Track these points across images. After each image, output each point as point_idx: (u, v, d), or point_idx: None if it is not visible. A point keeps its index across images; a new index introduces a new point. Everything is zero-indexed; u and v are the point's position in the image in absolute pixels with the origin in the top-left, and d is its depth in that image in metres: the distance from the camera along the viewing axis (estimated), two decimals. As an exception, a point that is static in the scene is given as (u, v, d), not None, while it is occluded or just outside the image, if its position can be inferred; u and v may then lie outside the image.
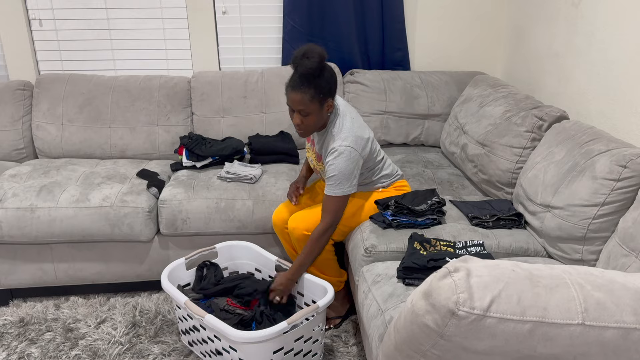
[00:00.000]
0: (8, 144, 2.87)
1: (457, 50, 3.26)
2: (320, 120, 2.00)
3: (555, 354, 0.99)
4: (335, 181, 1.98)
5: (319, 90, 1.92)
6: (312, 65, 1.88)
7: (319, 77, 1.92)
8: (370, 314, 1.70)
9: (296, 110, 1.96)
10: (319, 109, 1.95)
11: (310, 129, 2.02)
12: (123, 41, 3.14)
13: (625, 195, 1.73)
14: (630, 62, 2.04)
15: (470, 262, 1.03)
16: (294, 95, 1.93)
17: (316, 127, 2.03)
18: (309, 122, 1.97)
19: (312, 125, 1.99)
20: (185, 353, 2.16)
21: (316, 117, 1.97)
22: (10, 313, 2.42)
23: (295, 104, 1.94)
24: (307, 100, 1.91)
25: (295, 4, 3.01)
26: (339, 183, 1.98)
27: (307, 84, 1.91)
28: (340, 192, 1.99)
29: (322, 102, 1.95)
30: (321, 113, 1.98)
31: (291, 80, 1.96)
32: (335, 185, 1.99)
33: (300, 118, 1.97)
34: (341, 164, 1.96)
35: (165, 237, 2.48)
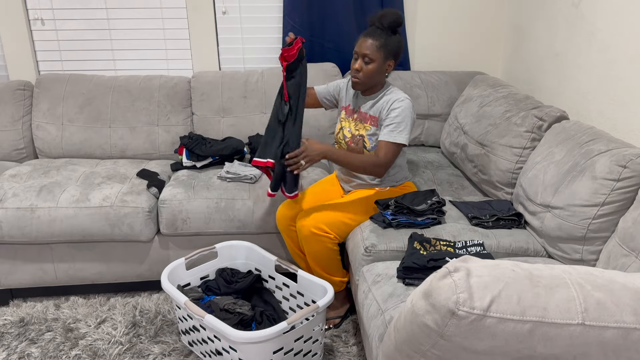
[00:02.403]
0: (8, 144, 2.87)
1: (457, 50, 3.26)
2: (378, 74, 2.09)
3: (555, 354, 0.99)
4: (398, 127, 2.05)
5: (388, 43, 2.05)
6: (392, 17, 2.04)
7: (391, 35, 2.06)
8: (370, 314, 1.70)
9: (360, 56, 2.07)
10: (382, 61, 2.06)
11: (367, 80, 2.10)
12: (123, 41, 3.14)
13: (625, 195, 1.73)
14: (630, 63, 2.04)
15: (470, 262, 1.03)
16: (365, 40, 2.05)
17: (371, 81, 2.11)
18: (368, 70, 2.07)
19: (369, 74, 2.08)
20: (185, 353, 2.16)
21: (376, 67, 2.07)
22: (10, 313, 2.42)
23: (363, 47, 2.05)
24: (375, 47, 2.04)
25: (295, 4, 3.01)
26: (401, 130, 2.05)
27: (380, 33, 2.05)
28: (401, 139, 2.05)
29: (386, 57, 2.06)
30: (382, 67, 2.08)
31: (366, 31, 2.09)
32: (396, 132, 2.05)
33: (361, 64, 2.07)
34: (407, 112, 2.06)
35: (165, 237, 2.48)
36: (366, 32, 2.08)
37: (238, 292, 2.22)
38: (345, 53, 3.12)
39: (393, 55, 2.09)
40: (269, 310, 2.17)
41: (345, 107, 2.31)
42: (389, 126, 2.07)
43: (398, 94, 2.12)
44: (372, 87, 2.16)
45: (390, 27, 2.05)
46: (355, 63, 2.09)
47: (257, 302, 2.21)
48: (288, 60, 2.05)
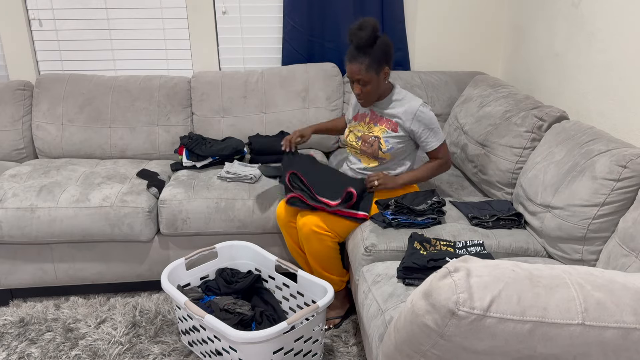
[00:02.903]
0: (8, 144, 2.87)
1: (457, 50, 3.26)
2: (379, 88, 2.15)
3: (555, 354, 0.99)
4: (435, 131, 2.18)
5: (374, 60, 2.07)
6: (365, 35, 2.03)
7: (373, 47, 2.06)
8: (370, 314, 1.70)
9: (355, 81, 2.12)
10: (376, 77, 2.11)
11: (371, 97, 2.17)
12: (123, 41, 3.14)
13: (625, 195, 1.73)
14: (630, 63, 2.04)
15: (470, 262, 1.03)
16: (352, 66, 2.09)
17: (376, 95, 2.18)
18: (368, 91, 2.13)
19: (372, 93, 2.14)
20: (185, 353, 2.16)
21: (375, 85, 2.12)
22: (10, 313, 2.42)
23: (353, 74, 2.10)
24: (364, 69, 2.07)
25: (295, 4, 3.01)
26: (438, 131, 2.19)
27: (362, 54, 2.06)
28: (442, 137, 2.20)
29: (378, 71, 2.10)
30: (379, 81, 2.13)
31: (348, 52, 2.11)
32: (437, 134, 2.19)
33: (360, 87, 2.13)
34: (433, 117, 2.17)
35: (165, 237, 2.48)
36: (349, 57, 2.09)
37: (238, 292, 2.22)
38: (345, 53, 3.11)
39: (384, 63, 2.11)
40: (269, 311, 2.17)
41: (354, 116, 2.37)
42: (428, 135, 2.18)
43: (413, 101, 2.18)
44: (380, 96, 2.23)
45: (368, 44, 2.06)
46: (354, 87, 2.15)
47: (257, 302, 2.21)
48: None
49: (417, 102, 2.18)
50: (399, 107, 2.20)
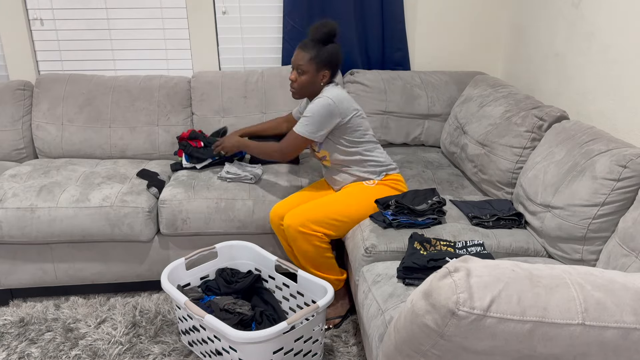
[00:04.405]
0: (8, 144, 2.87)
1: (457, 50, 3.26)
2: (312, 84, 2.17)
3: (555, 354, 0.99)
4: (305, 121, 2.13)
5: (319, 55, 2.12)
6: (323, 32, 2.11)
7: (323, 45, 2.13)
8: (370, 314, 1.70)
9: (295, 67, 2.16)
10: (314, 72, 2.15)
11: (301, 90, 2.19)
12: (123, 41, 3.14)
13: (625, 195, 1.73)
14: (631, 62, 2.04)
15: (470, 262, 1.03)
16: (298, 52, 2.15)
17: (307, 91, 2.20)
18: (302, 80, 2.16)
19: (303, 84, 2.17)
20: (185, 353, 2.16)
21: (309, 78, 2.15)
22: (10, 313, 2.42)
23: (297, 59, 2.15)
24: (307, 59, 2.13)
25: (295, 4, 3.01)
26: (307, 123, 2.12)
27: (313, 46, 2.13)
28: (303, 131, 2.13)
29: (318, 68, 2.14)
30: (315, 78, 2.16)
31: (301, 42, 2.18)
32: (303, 124, 2.13)
33: (296, 75, 2.17)
34: (316, 108, 2.11)
35: (165, 237, 2.48)
36: (301, 44, 2.16)
37: (238, 292, 2.22)
38: (345, 53, 3.12)
39: (326, 66, 2.15)
40: (269, 310, 2.17)
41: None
42: (301, 119, 2.16)
43: (324, 93, 2.16)
44: (311, 95, 2.24)
45: (322, 40, 2.13)
46: (291, 74, 2.19)
47: (257, 302, 2.21)
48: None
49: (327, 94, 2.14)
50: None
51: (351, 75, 3.06)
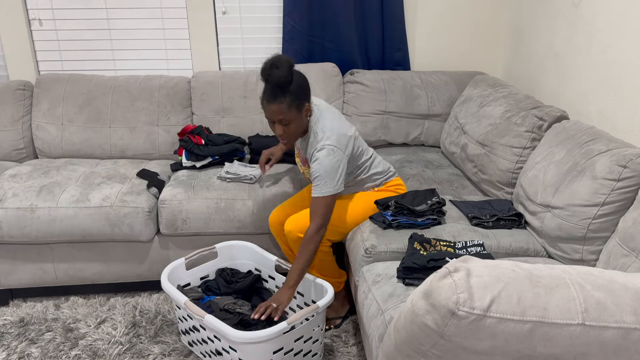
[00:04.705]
0: (8, 144, 2.87)
1: (457, 50, 3.26)
2: (302, 125, 2.01)
3: (555, 354, 0.99)
4: (320, 181, 1.97)
5: (294, 97, 1.93)
6: (282, 73, 1.89)
7: (290, 84, 1.93)
8: (370, 314, 1.70)
9: (276, 121, 1.97)
10: (298, 114, 1.97)
11: (293, 137, 2.02)
12: (123, 41, 3.14)
13: (625, 195, 1.73)
14: (631, 62, 2.04)
15: (470, 262, 1.03)
16: (272, 107, 1.93)
17: (299, 134, 2.04)
18: (290, 130, 1.98)
19: (294, 132, 2.00)
20: (185, 353, 2.16)
21: (297, 123, 1.98)
22: (10, 313, 2.42)
23: (274, 114, 1.94)
24: (285, 109, 1.92)
25: (295, 4, 3.01)
26: (324, 182, 1.96)
27: (281, 93, 1.92)
28: (326, 191, 1.97)
29: (299, 108, 1.96)
30: (301, 118, 1.99)
31: (264, 93, 1.96)
32: (321, 186, 1.97)
33: (282, 128, 1.98)
34: (325, 163, 1.96)
35: (165, 237, 2.48)
36: (267, 97, 1.94)
37: (238, 292, 2.22)
38: (345, 53, 3.12)
39: (304, 99, 1.98)
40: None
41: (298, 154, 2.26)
42: (313, 180, 1.99)
43: (318, 141, 1.99)
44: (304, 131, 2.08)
45: (285, 82, 1.91)
46: (275, 128, 1.99)
47: (257, 302, 2.21)
48: None
49: (318, 144, 1.98)
50: (310, 144, 2.05)
51: (351, 75, 3.06)
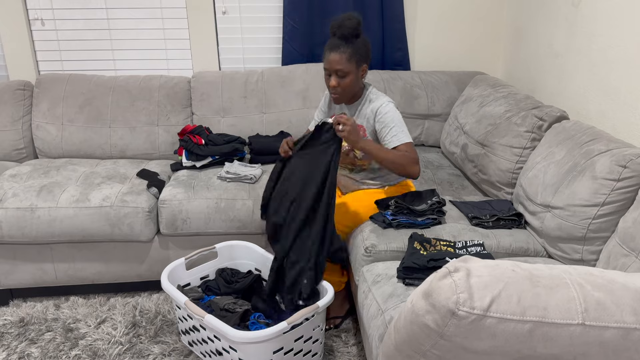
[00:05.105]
0: (8, 144, 2.87)
1: (457, 50, 3.26)
2: (356, 83, 2.06)
3: (555, 354, 0.99)
4: (399, 128, 2.02)
5: (356, 51, 1.99)
6: (352, 25, 1.96)
7: (357, 38, 2.00)
8: (370, 314, 1.70)
9: (333, 72, 2.01)
10: (356, 70, 2.02)
11: (347, 92, 2.06)
12: (123, 41, 3.14)
13: (626, 195, 1.73)
14: (631, 62, 2.04)
15: (470, 262, 1.03)
16: (333, 56, 1.99)
17: (352, 91, 2.08)
18: (345, 83, 2.02)
19: (348, 87, 2.04)
20: (185, 353, 2.16)
21: (352, 79, 2.02)
22: (10, 313, 2.42)
23: (333, 63, 1.99)
24: (346, 59, 1.98)
25: (295, 4, 3.01)
26: (402, 130, 2.02)
27: (345, 44, 1.98)
28: (407, 138, 2.02)
29: (359, 64, 2.02)
30: (357, 76, 2.04)
31: (329, 43, 2.02)
32: (402, 133, 2.02)
33: (337, 80, 2.02)
34: (396, 115, 2.03)
35: (165, 237, 2.48)
36: (331, 46, 2.01)
37: (238, 292, 2.22)
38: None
39: (364, 59, 2.04)
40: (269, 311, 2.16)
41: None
42: (390, 131, 2.02)
43: (380, 99, 2.08)
44: (354, 96, 2.14)
45: (352, 34, 1.98)
46: (331, 80, 2.03)
47: (257, 302, 2.21)
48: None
49: (380, 101, 2.07)
50: (366, 109, 2.11)
51: (351, 75, 3.06)
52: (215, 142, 2.72)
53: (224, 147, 2.72)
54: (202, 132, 2.75)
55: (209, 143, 2.71)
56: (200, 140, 2.70)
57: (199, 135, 2.73)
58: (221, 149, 2.71)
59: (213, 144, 2.72)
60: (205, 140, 2.71)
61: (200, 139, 2.71)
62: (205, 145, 2.70)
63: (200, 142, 2.70)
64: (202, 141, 2.70)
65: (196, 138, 2.71)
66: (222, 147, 2.71)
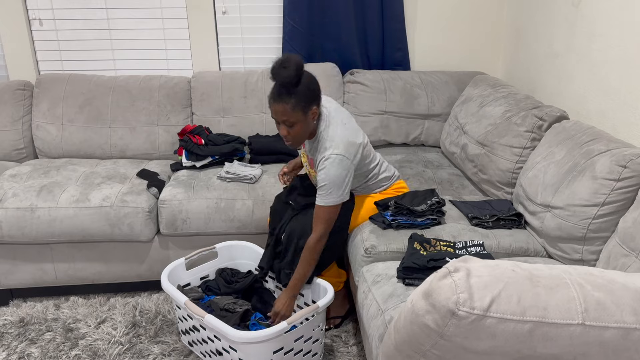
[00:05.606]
0: (8, 144, 2.87)
1: (457, 50, 3.26)
2: (307, 128, 1.96)
3: (555, 354, 0.99)
4: (326, 190, 1.94)
5: (300, 99, 1.88)
6: (289, 74, 1.84)
7: (297, 86, 1.88)
8: (370, 314, 1.70)
9: (281, 122, 1.93)
10: (304, 117, 1.91)
11: (298, 139, 1.97)
12: (123, 41, 3.14)
13: (625, 195, 1.73)
14: (631, 62, 2.04)
15: (470, 262, 1.03)
16: (276, 107, 1.89)
17: (304, 137, 1.99)
18: (295, 132, 1.94)
19: (299, 135, 1.95)
20: (185, 353, 2.16)
21: (302, 126, 1.93)
22: (10, 313, 2.42)
23: (278, 115, 1.91)
24: (289, 110, 1.88)
25: (295, 4, 3.01)
26: (330, 192, 1.94)
27: (286, 93, 1.87)
28: (331, 201, 1.95)
29: (305, 110, 1.91)
30: (306, 121, 1.94)
31: (272, 92, 1.92)
32: (326, 195, 1.94)
33: (287, 129, 1.93)
34: (332, 172, 1.92)
35: (165, 237, 2.48)
36: (274, 95, 1.90)
37: (238, 292, 2.22)
38: (345, 53, 3.12)
39: (312, 102, 1.92)
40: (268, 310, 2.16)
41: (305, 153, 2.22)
42: (318, 189, 1.97)
43: (325, 149, 1.95)
44: (310, 134, 2.03)
45: (292, 83, 1.86)
46: (280, 129, 1.95)
47: (257, 302, 2.21)
48: None
49: (324, 152, 1.95)
50: (319, 148, 2.00)
51: (351, 75, 3.06)
52: (215, 142, 2.72)
53: (224, 147, 2.72)
54: (202, 132, 2.75)
55: (209, 143, 2.71)
56: (200, 140, 2.70)
57: (199, 135, 2.73)
58: (221, 149, 2.71)
59: (213, 144, 2.72)
60: (205, 140, 2.71)
61: (200, 139, 2.71)
62: (205, 145, 2.70)
63: (200, 142, 2.70)
64: (202, 141, 2.70)
65: (196, 138, 2.71)
66: (222, 147, 2.71)
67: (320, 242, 1.98)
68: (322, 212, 1.97)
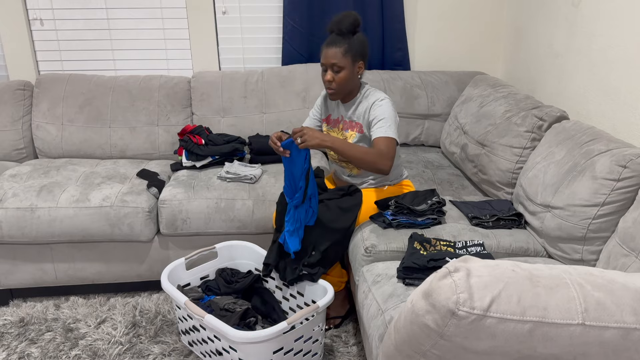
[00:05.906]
0: (8, 144, 2.87)
1: (457, 50, 3.26)
2: (351, 79, 2.06)
3: (555, 354, 0.99)
4: (386, 123, 2.00)
5: (352, 47, 2.02)
6: (348, 22, 2.00)
7: (352, 36, 2.03)
8: (370, 314, 1.70)
9: (329, 67, 2.04)
10: (351, 65, 2.04)
11: (342, 88, 2.07)
12: (123, 41, 3.15)
13: (626, 195, 1.73)
14: (631, 62, 2.04)
15: (470, 262, 1.03)
16: (329, 51, 2.03)
17: (347, 87, 2.08)
18: (340, 78, 2.04)
19: (343, 82, 2.05)
20: (185, 353, 2.16)
21: (347, 74, 2.04)
22: (10, 313, 2.42)
23: (329, 57, 2.03)
24: (341, 54, 2.01)
25: (295, 4, 3.01)
26: (389, 125, 2.00)
27: (342, 39, 2.02)
28: (392, 133, 1.99)
29: (354, 60, 2.04)
30: (353, 71, 2.05)
31: (327, 40, 2.06)
32: (387, 127, 2.00)
33: (332, 74, 2.04)
34: (390, 110, 2.03)
35: (165, 237, 2.48)
36: (327, 41, 2.05)
37: (238, 292, 2.22)
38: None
39: (360, 56, 2.06)
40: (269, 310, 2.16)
41: (325, 118, 2.28)
42: (377, 124, 2.02)
43: (376, 95, 2.09)
44: (350, 93, 2.14)
45: (349, 31, 2.02)
46: (326, 74, 2.06)
47: (257, 302, 2.21)
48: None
49: (376, 97, 2.08)
50: (362, 106, 2.12)
51: (351, 75, 3.06)
52: (215, 142, 2.72)
53: (224, 147, 2.72)
54: (202, 132, 2.75)
55: (209, 143, 2.71)
56: (200, 140, 2.70)
57: (199, 135, 2.73)
58: (221, 149, 2.71)
59: (213, 144, 2.72)
60: (205, 140, 2.71)
61: (200, 139, 2.71)
62: (205, 145, 2.70)
63: (200, 142, 2.70)
64: (202, 141, 2.70)
65: (196, 138, 2.71)
66: (222, 147, 2.71)
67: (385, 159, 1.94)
68: (388, 142, 1.98)
